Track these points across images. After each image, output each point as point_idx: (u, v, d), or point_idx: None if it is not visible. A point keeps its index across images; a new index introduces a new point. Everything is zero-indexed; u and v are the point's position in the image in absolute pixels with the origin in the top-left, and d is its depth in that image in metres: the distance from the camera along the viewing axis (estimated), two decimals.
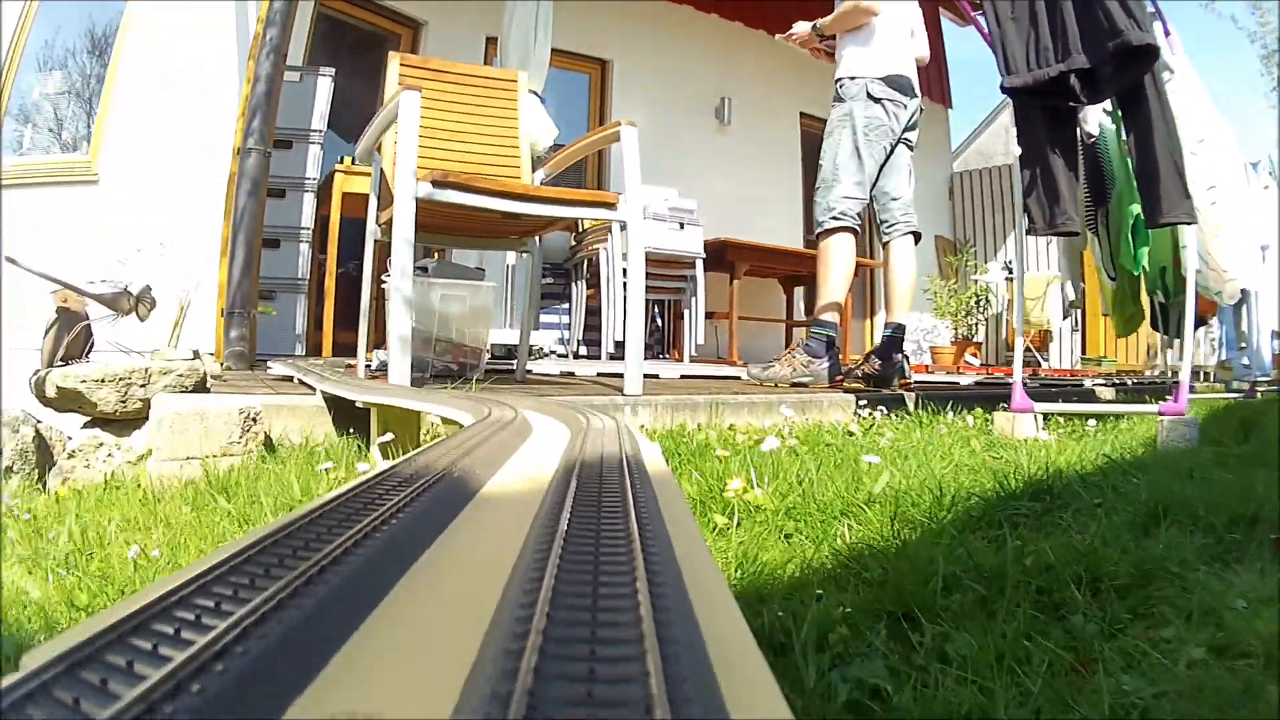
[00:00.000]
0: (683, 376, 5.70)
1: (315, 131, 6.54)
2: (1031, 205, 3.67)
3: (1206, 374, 8.27)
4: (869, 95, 4.65)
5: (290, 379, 3.80)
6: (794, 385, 4.65)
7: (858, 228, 4.66)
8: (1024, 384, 3.79)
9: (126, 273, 3.89)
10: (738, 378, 5.67)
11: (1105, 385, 6.71)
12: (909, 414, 4.01)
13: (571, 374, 5.33)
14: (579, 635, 0.49)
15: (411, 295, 3.19)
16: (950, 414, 3.97)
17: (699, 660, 0.47)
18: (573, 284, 8.08)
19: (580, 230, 8.00)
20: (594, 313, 7.76)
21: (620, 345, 6.97)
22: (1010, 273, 12.17)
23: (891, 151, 4.75)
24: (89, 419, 3.17)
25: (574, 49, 9.25)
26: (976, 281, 12.83)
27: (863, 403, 4.08)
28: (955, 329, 12.70)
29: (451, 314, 4.28)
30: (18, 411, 3.27)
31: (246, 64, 5.26)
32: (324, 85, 6.63)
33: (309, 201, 6.57)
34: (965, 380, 6.79)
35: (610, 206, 3.70)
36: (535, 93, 6.68)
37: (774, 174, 11.13)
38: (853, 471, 2.07)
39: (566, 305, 8.17)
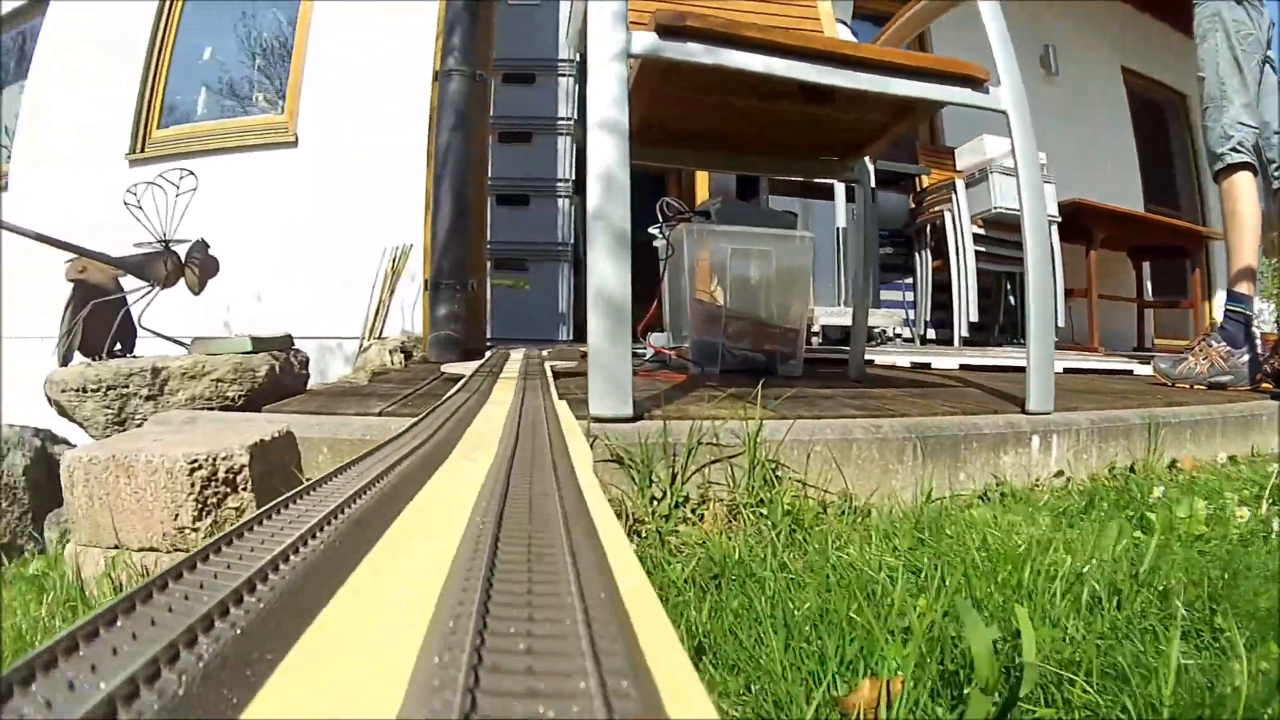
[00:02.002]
0: (1066, 370, 4.36)
1: (564, 62, 5.22)
2: None
3: None
4: None
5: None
6: (1211, 386, 3.41)
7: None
8: None
9: (155, 220, 2.65)
10: (1128, 372, 4.47)
11: None
12: None
13: (926, 367, 4.02)
14: None
15: (626, 232, 1.73)
16: None
17: None
18: (915, 254, 6.63)
19: (919, 190, 6.69)
20: (941, 288, 6.37)
21: (976, 327, 6.04)
22: None
23: (1260, 71, 3.52)
24: None
25: None
26: None
27: None
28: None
29: (751, 279, 2.91)
30: (17, 428, 2.05)
31: None
32: (569, 7, 5.31)
33: (566, 147, 5.30)
34: None
35: (976, 84, 2.18)
36: (844, 22, 5.26)
37: (1106, 132, 9.26)
38: None
39: (909, 279, 6.74)
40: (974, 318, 6.03)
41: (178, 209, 2.73)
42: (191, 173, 2.82)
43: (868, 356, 4.19)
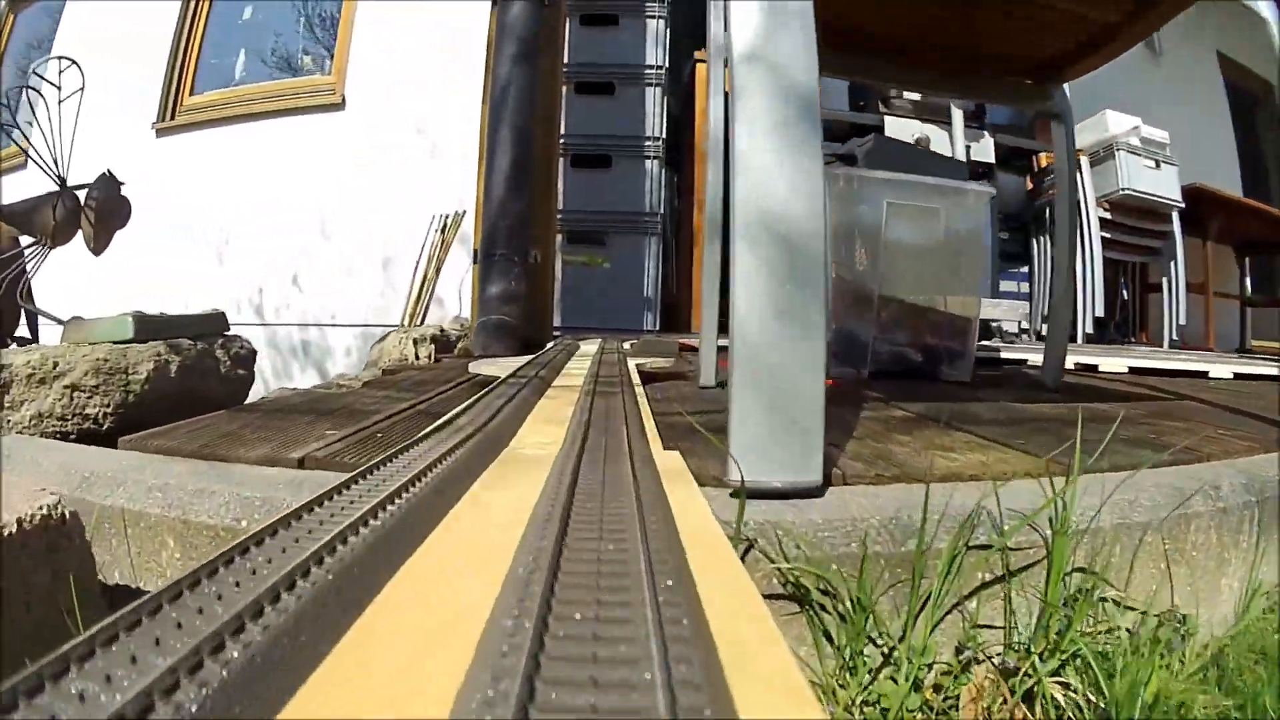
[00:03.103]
0: (1237, 376, 3.37)
1: (654, 3, 4.38)
2: None
3: None
4: None
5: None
6: None
7: None
8: None
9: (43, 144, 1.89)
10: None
11: None
12: None
13: (1093, 369, 3.18)
14: None
15: (814, 97, 0.98)
16: None
17: None
18: (1033, 240, 5.95)
19: (1037, 170, 5.96)
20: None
21: (1103, 323, 5.54)
22: None
23: None
24: None
25: None
26: None
27: None
28: None
29: (910, 246, 2.10)
30: None
31: None
32: None
33: (655, 99, 4.48)
34: None
35: None
36: None
37: (1207, 118, 8.39)
38: None
39: (1025, 269, 6.05)
40: (1100, 312, 5.43)
41: (66, 121, 1.92)
42: (74, 62, 2.02)
43: (1002, 355, 3.42)
